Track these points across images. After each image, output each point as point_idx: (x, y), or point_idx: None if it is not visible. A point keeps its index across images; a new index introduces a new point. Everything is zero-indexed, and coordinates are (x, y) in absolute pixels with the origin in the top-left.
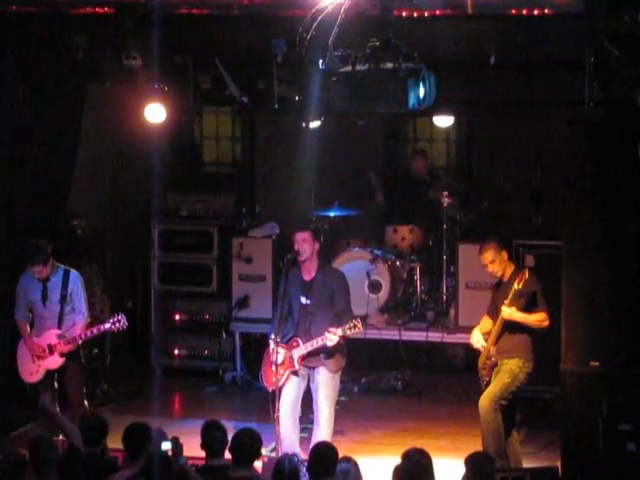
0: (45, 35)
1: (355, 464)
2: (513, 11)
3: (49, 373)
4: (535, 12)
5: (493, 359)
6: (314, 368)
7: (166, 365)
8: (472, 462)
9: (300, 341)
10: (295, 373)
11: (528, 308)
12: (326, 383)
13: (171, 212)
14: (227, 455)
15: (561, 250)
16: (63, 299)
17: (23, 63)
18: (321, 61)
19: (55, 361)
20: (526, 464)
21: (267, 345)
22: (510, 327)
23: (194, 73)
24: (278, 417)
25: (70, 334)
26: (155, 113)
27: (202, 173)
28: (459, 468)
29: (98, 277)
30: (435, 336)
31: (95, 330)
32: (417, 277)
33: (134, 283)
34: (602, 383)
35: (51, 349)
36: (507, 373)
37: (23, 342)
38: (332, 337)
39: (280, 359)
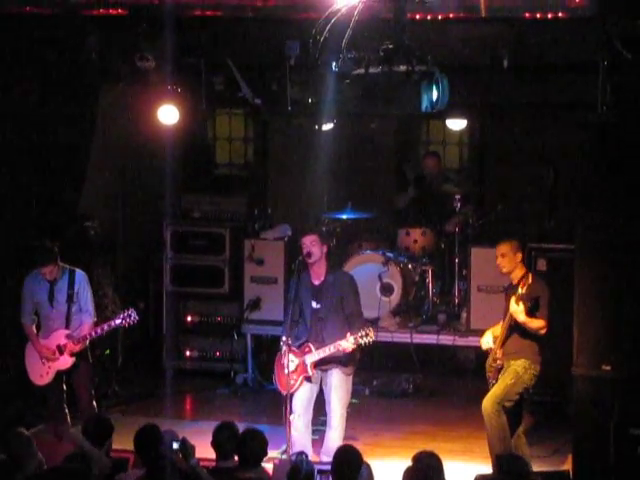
0: (59, 36)
1: (368, 467)
2: (526, 14)
3: (59, 374)
4: (549, 15)
5: (499, 362)
6: (327, 370)
7: (178, 367)
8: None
9: (312, 347)
10: (308, 379)
11: (531, 312)
12: (339, 386)
13: (183, 213)
14: None
15: (574, 254)
16: (70, 299)
17: (37, 64)
18: (334, 63)
19: (65, 361)
20: (537, 468)
21: (279, 349)
22: (517, 330)
23: (207, 75)
24: (290, 420)
25: (79, 333)
26: (168, 114)
27: (214, 175)
28: (470, 471)
29: (110, 278)
30: (447, 339)
31: (106, 327)
32: (429, 280)
33: (146, 284)
34: (614, 387)
35: (61, 350)
36: (511, 374)
37: (31, 345)
38: (345, 345)
39: (293, 365)
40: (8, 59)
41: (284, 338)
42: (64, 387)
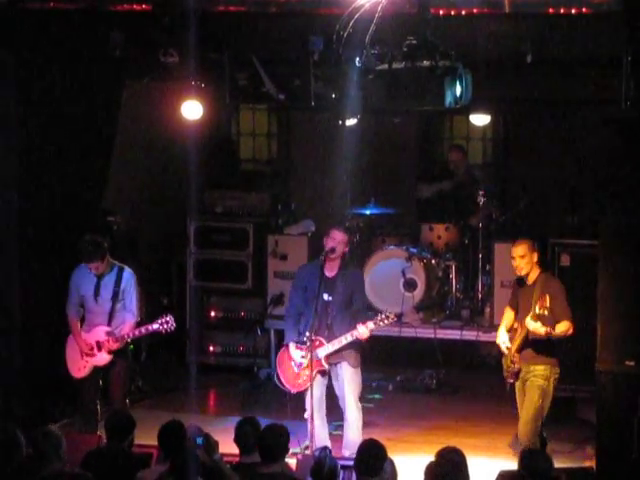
0: (83, 32)
1: (391, 462)
2: (550, 10)
3: (96, 370)
4: (573, 11)
5: (517, 365)
6: (336, 364)
7: (201, 362)
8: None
9: (323, 340)
10: (322, 372)
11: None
12: (351, 379)
13: (207, 209)
14: None
15: (596, 249)
16: (115, 296)
17: (61, 60)
18: (358, 59)
19: (103, 358)
20: (560, 464)
21: (284, 346)
22: (533, 337)
23: (231, 70)
24: (311, 416)
25: (119, 332)
26: (192, 110)
27: (238, 170)
28: (494, 466)
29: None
30: (470, 334)
31: (143, 330)
32: (452, 275)
33: (170, 280)
34: (637, 382)
35: (99, 346)
36: (537, 392)
37: (72, 338)
38: (364, 331)
39: (305, 361)
40: (32, 55)
41: (307, 333)
42: (99, 383)
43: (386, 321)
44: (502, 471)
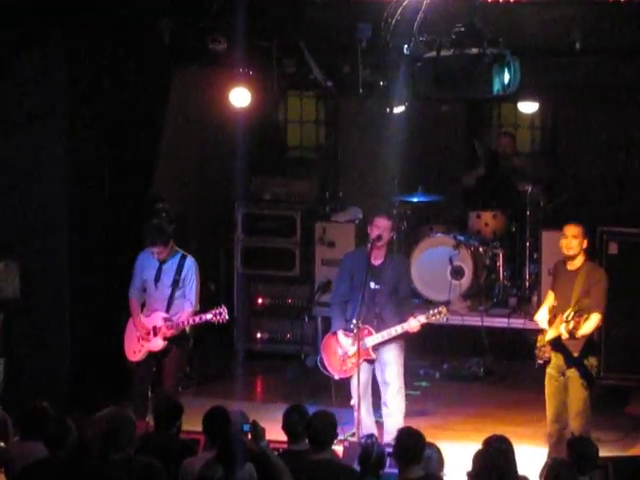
0: (131, 19)
1: (438, 450)
2: None
3: (150, 355)
4: None
5: (547, 355)
6: (379, 348)
7: (248, 349)
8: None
9: (372, 329)
10: (369, 360)
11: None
12: (396, 362)
13: (255, 196)
14: None
15: None
16: (175, 283)
17: (110, 47)
18: (406, 46)
19: (157, 344)
20: (606, 453)
21: (332, 333)
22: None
23: (279, 57)
24: (358, 403)
25: (176, 319)
26: (240, 97)
27: (286, 157)
28: (540, 455)
29: None
30: (517, 322)
31: (197, 319)
32: (500, 263)
33: (217, 266)
34: None
35: (155, 331)
36: (581, 383)
37: (132, 321)
38: (415, 324)
39: (352, 350)
40: (81, 43)
41: (354, 321)
42: (153, 369)
43: (438, 316)
44: (551, 457)
